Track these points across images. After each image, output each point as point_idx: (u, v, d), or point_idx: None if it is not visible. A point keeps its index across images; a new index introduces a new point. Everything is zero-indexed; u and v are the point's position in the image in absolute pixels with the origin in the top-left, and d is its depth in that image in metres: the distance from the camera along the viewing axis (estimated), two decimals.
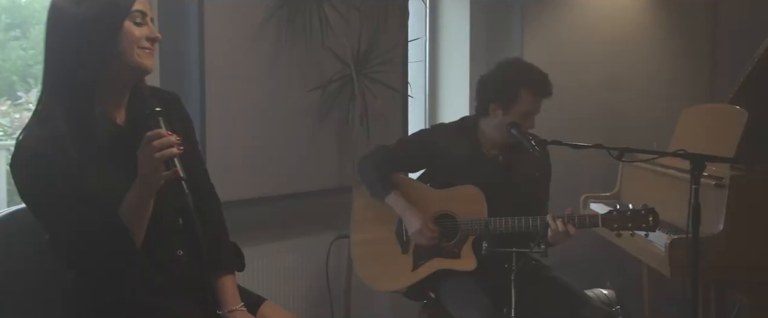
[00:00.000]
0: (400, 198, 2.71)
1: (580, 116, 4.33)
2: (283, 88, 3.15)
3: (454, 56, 4.17)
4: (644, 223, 2.53)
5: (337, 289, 3.28)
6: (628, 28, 4.62)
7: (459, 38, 4.15)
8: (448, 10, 4.19)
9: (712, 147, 2.90)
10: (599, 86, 4.50)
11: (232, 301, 1.89)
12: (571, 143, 2.54)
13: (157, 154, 1.60)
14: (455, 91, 4.16)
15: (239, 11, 2.98)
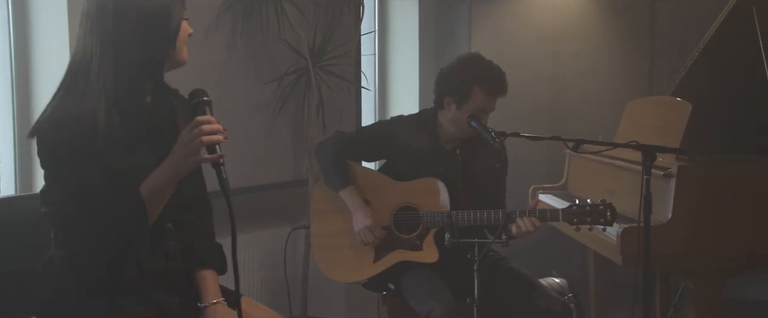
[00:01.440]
0: (355, 194, 2.72)
1: (527, 110, 4.42)
2: (238, 81, 3.12)
3: (404, 50, 4.20)
4: (603, 218, 2.59)
5: (294, 280, 3.26)
6: (572, 23, 4.75)
7: (408, 32, 4.18)
8: (397, 5, 4.21)
9: (658, 138, 3.00)
10: (544, 80, 4.61)
11: (213, 295, 1.92)
12: (530, 135, 2.60)
13: (205, 138, 1.67)
14: (405, 84, 4.20)
15: (193, 3, 2.92)
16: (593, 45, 4.80)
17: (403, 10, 4.19)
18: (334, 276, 2.82)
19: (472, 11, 4.28)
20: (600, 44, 4.82)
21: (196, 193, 1.99)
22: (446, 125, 2.76)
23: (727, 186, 2.82)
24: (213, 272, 1.95)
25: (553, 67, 4.64)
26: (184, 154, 1.69)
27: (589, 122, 4.40)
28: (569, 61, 4.70)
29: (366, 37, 3.88)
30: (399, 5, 4.21)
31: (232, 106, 3.11)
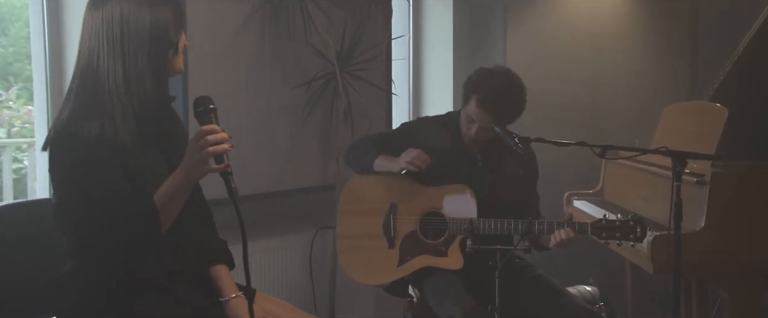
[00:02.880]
0: (387, 157, 2.72)
1: (563, 113, 4.35)
2: (266, 85, 3.15)
3: (438, 53, 4.17)
4: (632, 234, 2.54)
5: (321, 283, 3.27)
6: (610, 25, 4.65)
7: (442, 36, 4.15)
8: (431, 8, 4.19)
9: (694, 144, 2.93)
10: (582, 83, 4.52)
11: (232, 289, 1.97)
12: (554, 140, 2.55)
13: (211, 148, 1.71)
14: (439, 88, 4.17)
15: (222, 7, 2.97)
16: (632, 47, 4.69)
17: (437, 13, 4.17)
18: (358, 277, 2.82)
19: (508, 13, 4.23)
20: (639, 45, 4.71)
21: (193, 194, 2.00)
22: (463, 128, 2.75)
23: (762, 191, 2.73)
24: (225, 267, 2.01)
25: (591, 68, 4.55)
26: (193, 163, 1.73)
27: (629, 126, 4.30)
28: (608, 64, 4.61)
29: (400, 41, 3.87)
30: (433, 8, 4.19)
31: (259, 110, 3.14)
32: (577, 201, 3.67)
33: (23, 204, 2.20)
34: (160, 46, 1.80)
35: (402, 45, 4.08)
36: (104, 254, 1.77)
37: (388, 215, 2.76)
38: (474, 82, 2.70)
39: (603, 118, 4.54)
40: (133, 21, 1.77)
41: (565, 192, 3.76)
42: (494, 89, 2.65)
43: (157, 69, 1.81)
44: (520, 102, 2.69)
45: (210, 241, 2.04)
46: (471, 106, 2.67)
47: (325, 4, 3.19)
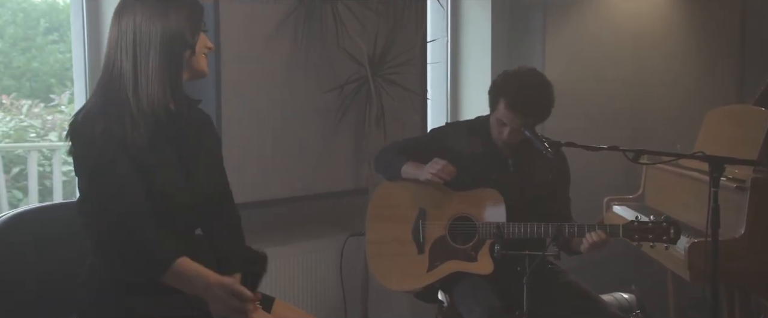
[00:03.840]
0: (414, 164, 2.71)
1: (605, 115, 4.28)
2: (299, 89, 3.17)
3: (476, 56, 4.14)
4: (665, 236, 2.49)
5: (353, 288, 3.27)
6: (654, 25, 4.55)
7: (480, 38, 4.12)
8: (469, 10, 4.16)
9: (736, 149, 2.85)
10: (624, 85, 4.43)
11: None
12: (585, 145, 2.50)
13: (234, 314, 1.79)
14: (477, 91, 4.13)
15: (255, 11, 3.00)
16: (677, 48, 4.58)
17: (475, 15, 4.13)
18: (388, 283, 2.82)
19: (547, 14, 4.17)
20: (683, 46, 4.59)
21: (224, 200, 2.09)
22: (492, 132, 2.73)
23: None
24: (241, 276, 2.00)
25: (632, 70, 4.45)
26: (213, 305, 1.80)
27: (672, 129, 4.20)
28: (651, 65, 4.50)
29: (437, 45, 3.86)
30: (470, 11, 4.15)
31: (293, 114, 3.17)
32: (617, 206, 3.61)
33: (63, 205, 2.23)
34: (173, 49, 1.84)
35: (440, 48, 4.05)
36: (116, 252, 1.81)
37: (417, 221, 2.75)
38: (500, 86, 2.68)
39: (645, 121, 4.44)
40: (145, 26, 1.82)
41: (604, 197, 3.70)
42: (522, 90, 2.63)
43: (170, 73, 1.84)
44: (549, 99, 2.66)
45: (233, 249, 2.05)
46: (500, 110, 2.65)
47: (358, 8, 3.19)
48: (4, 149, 4.17)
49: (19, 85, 4.61)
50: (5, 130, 4.30)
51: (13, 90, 4.51)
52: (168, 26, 1.82)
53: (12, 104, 4.43)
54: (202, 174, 1.95)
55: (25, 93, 4.58)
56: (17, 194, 4.25)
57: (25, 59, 4.62)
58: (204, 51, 1.93)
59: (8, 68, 4.59)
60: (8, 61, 4.57)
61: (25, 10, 4.74)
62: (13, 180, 4.26)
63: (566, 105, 4.13)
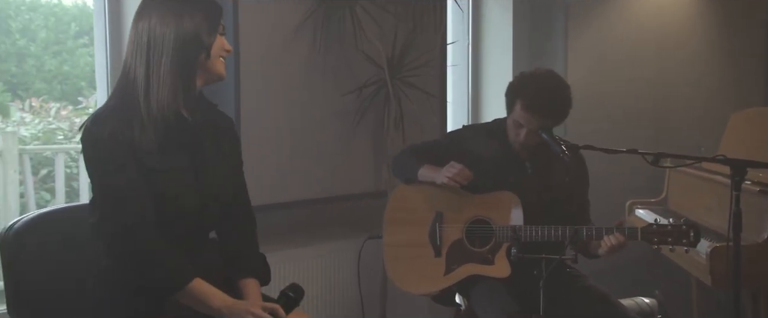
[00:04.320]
0: (430, 167, 2.71)
1: (628, 116, 4.23)
2: (317, 91, 3.18)
3: (497, 59, 4.12)
4: (685, 239, 2.46)
5: (372, 291, 3.27)
6: (678, 24, 4.48)
7: (502, 40, 4.10)
8: (490, 12, 4.15)
9: (760, 152, 2.81)
10: (647, 86, 4.38)
11: (255, 301, 1.96)
12: (603, 148, 2.48)
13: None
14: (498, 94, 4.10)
15: (274, 14, 3.02)
16: (703, 48, 4.52)
17: (496, 18, 4.12)
18: (405, 286, 2.81)
19: (569, 13, 4.13)
20: (711, 48, 4.52)
21: (238, 203, 2.07)
22: (510, 134, 2.71)
23: None
24: (255, 281, 2.01)
25: (658, 71, 4.40)
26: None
27: (697, 131, 4.14)
28: (675, 66, 4.45)
29: (459, 47, 3.84)
30: (492, 13, 4.14)
31: (312, 116, 3.18)
32: (640, 210, 3.57)
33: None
34: (186, 53, 1.82)
35: (461, 50, 4.04)
36: (127, 262, 1.82)
37: (434, 224, 2.74)
38: (516, 88, 2.67)
39: (669, 122, 4.39)
40: (158, 29, 1.81)
41: (627, 200, 3.66)
42: (538, 91, 2.61)
43: (182, 77, 1.83)
44: (566, 101, 2.64)
45: (245, 254, 2.05)
46: (517, 111, 2.63)
47: (377, 10, 3.19)
48: (33, 151, 4.24)
49: (51, 88, 4.68)
50: (34, 132, 4.37)
51: (45, 93, 4.59)
52: (182, 30, 1.81)
53: (41, 107, 4.50)
54: (213, 179, 1.93)
55: (56, 96, 4.65)
56: (45, 195, 4.32)
57: (57, 62, 4.70)
58: (222, 54, 1.91)
59: (40, 71, 4.67)
60: (40, 65, 4.64)
61: (57, 15, 4.82)
62: (41, 181, 4.33)
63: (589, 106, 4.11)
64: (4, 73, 4.70)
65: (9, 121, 4.40)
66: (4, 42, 4.67)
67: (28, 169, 4.12)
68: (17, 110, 4.50)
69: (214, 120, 2.01)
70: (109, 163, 1.79)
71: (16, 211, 3.95)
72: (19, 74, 4.65)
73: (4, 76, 4.68)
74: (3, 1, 4.63)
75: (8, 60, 4.67)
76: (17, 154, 4.07)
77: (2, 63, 4.69)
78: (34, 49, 4.61)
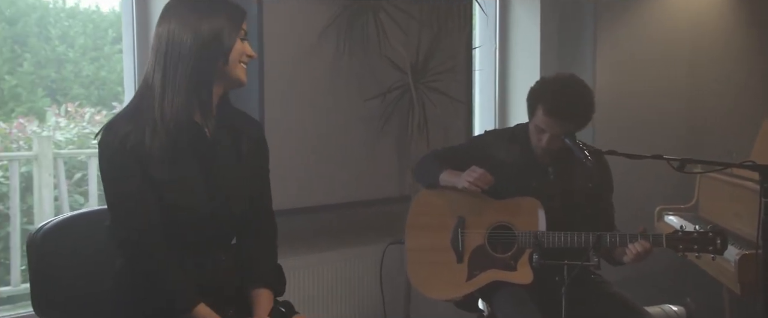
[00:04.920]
0: (452, 172, 2.69)
1: (660, 120, 4.17)
2: (342, 96, 3.19)
3: (524, 63, 4.10)
4: (711, 246, 2.42)
5: (396, 296, 3.27)
6: (713, 25, 4.40)
7: (529, 44, 4.08)
8: (517, 17, 4.12)
9: None
10: (679, 89, 4.32)
11: (263, 313, 1.94)
12: (627, 153, 2.45)
13: None
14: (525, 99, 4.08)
15: (298, 19, 3.04)
16: (739, 49, 4.42)
17: (524, 22, 4.09)
18: (427, 292, 2.81)
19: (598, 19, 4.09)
20: (747, 49, 4.43)
21: (259, 209, 2.04)
22: (532, 139, 2.70)
23: None
24: (268, 291, 1.98)
25: (689, 74, 4.33)
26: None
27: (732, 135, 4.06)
28: (710, 67, 4.36)
29: (485, 52, 3.82)
30: (519, 18, 4.11)
31: (336, 121, 3.19)
32: (669, 216, 3.51)
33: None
34: (203, 60, 1.79)
35: (488, 55, 4.03)
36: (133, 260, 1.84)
37: (456, 229, 2.73)
38: (537, 92, 2.65)
39: (701, 126, 4.31)
40: (177, 34, 1.78)
41: (657, 206, 3.60)
42: (560, 95, 2.58)
43: (199, 84, 1.81)
44: (588, 105, 2.60)
45: (259, 263, 2.01)
46: (539, 116, 2.61)
47: (401, 16, 3.20)
48: (67, 155, 4.33)
49: (88, 93, 4.77)
50: (69, 136, 4.46)
51: (83, 97, 4.68)
52: (200, 34, 1.78)
53: (76, 112, 4.59)
54: (227, 188, 1.90)
55: (93, 101, 4.74)
56: (79, 199, 4.40)
57: (94, 68, 4.78)
58: (243, 59, 1.87)
59: (78, 77, 4.76)
60: (78, 70, 4.74)
61: (95, 21, 4.91)
62: (75, 185, 4.41)
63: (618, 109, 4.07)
64: (44, 78, 4.82)
65: (45, 125, 4.50)
66: (44, 48, 4.78)
67: (62, 173, 4.21)
68: (53, 115, 4.60)
69: (234, 126, 1.96)
70: (119, 170, 1.79)
71: (50, 214, 4.03)
72: (58, 79, 4.75)
73: (44, 82, 4.79)
74: (43, 9, 4.74)
75: (48, 66, 4.78)
76: (52, 158, 4.16)
77: (42, 69, 4.81)
78: (72, 55, 4.71)
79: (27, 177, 4.25)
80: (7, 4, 4.83)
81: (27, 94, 4.81)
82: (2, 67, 4.78)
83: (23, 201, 4.21)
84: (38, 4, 4.95)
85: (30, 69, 4.77)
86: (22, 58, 4.74)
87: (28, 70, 4.75)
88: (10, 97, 4.80)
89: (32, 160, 4.17)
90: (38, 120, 4.60)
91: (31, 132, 4.39)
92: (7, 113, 4.68)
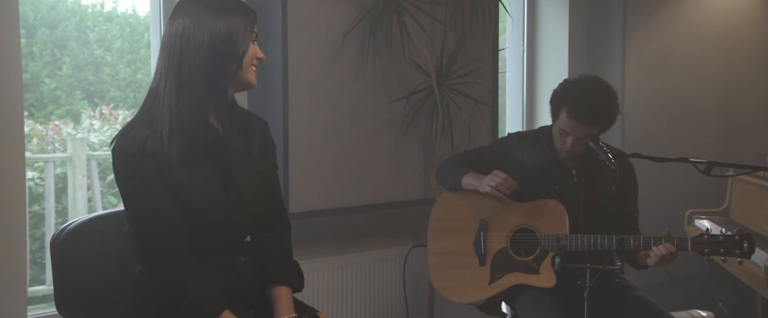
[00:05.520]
0: (474, 175, 2.70)
1: (692, 121, 4.09)
2: (366, 98, 3.19)
3: (553, 65, 4.06)
4: (738, 250, 2.38)
5: (420, 298, 3.26)
6: (747, 24, 4.30)
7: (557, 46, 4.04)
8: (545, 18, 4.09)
9: None
10: (713, 89, 4.22)
11: (286, 311, 1.94)
12: (651, 156, 2.42)
13: None
14: None
15: (322, 21, 3.05)
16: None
17: (552, 23, 4.05)
18: (449, 295, 2.80)
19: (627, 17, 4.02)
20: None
21: (272, 206, 2.04)
22: (555, 142, 2.67)
23: None
24: (287, 289, 1.98)
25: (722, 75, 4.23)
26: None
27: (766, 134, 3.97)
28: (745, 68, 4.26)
29: (513, 53, 3.79)
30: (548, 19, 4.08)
31: (360, 123, 3.19)
32: (700, 220, 3.45)
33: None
34: (219, 61, 1.77)
35: (516, 57, 4.00)
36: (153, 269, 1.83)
37: (479, 232, 2.72)
38: (561, 95, 2.62)
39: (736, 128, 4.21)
40: (192, 33, 1.74)
41: (688, 210, 3.54)
42: (583, 97, 2.55)
43: (214, 86, 1.79)
44: (612, 106, 2.57)
45: (276, 261, 2.00)
46: (562, 119, 2.59)
47: (425, 18, 3.19)
48: (101, 157, 4.40)
49: (125, 96, 4.85)
50: (103, 138, 4.53)
51: (120, 100, 4.75)
52: (216, 36, 1.75)
53: (110, 114, 4.67)
54: (244, 189, 1.90)
55: (129, 103, 4.82)
56: (112, 199, 4.47)
57: (131, 71, 4.86)
58: (254, 62, 1.85)
59: (115, 80, 4.84)
60: (115, 73, 4.82)
61: (132, 25, 4.99)
62: (108, 186, 4.49)
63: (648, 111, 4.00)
64: (82, 81, 4.91)
65: (80, 127, 4.59)
66: (83, 52, 4.87)
67: (95, 174, 4.28)
68: (88, 117, 4.68)
69: (242, 126, 1.95)
70: (138, 177, 1.77)
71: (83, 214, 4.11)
72: (96, 82, 4.84)
73: (82, 85, 4.88)
74: (83, 13, 4.83)
75: (86, 69, 4.87)
76: (86, 159, 4.24)
77: (80, 72, 4.90)
78: (109, 58, 4.79)
79: (62, 178, 4.34)
80: (47, 9, 4.93)
81: (65, 97, 4.91)
82: (42, 70, 4.89)
83: (58, 202, 4.30)
84: (77, 9, 5.04)
85: (68, 72, 4.87)
86: (61, 62, 4.84)
87: (66, 74, 4.85)
88: (49, 100, 4.90)
89: (67, 161, 4.26)
90: (73, 122, 4.69)
91: (67, 134, 4.48)
92: (47, 116, 4.77)
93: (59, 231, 2.08)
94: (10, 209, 2.57)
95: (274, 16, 2.94)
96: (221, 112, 1.87)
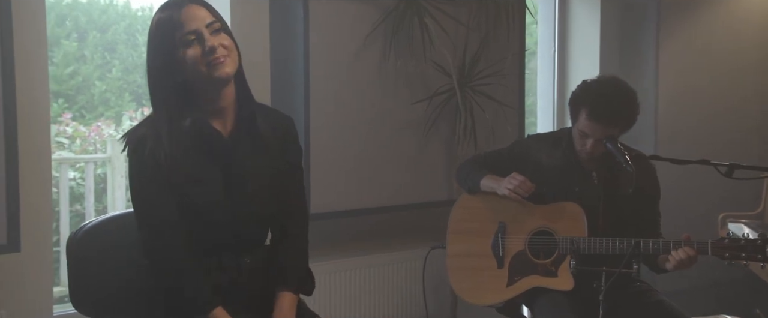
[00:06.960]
0: (493, 177, 2.68)
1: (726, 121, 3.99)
2: (388, 100, 3.20)
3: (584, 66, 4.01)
4: (760, 254, 2.31)
5: (442, 300, 3.25)
6: None
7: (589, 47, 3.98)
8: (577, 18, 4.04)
9: None
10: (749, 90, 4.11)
11: (281, 315, 1.92)
12: (671, 158, 2.38)
13: None
14: None
15: (344, 23, 3.07)
16: None
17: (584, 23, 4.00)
18: (467, 297, 2.79)
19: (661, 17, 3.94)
20: None
21: (290, 208, 2.02)
22: (575, 144, 2.63)
23: None
24: (290, 294, 1.95)
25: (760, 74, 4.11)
26: None
27: None
28: None
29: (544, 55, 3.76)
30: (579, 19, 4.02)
31: (382, 124, 3.21)
32: (733, 223, 3.35)
33: None
34: (168, 81, 1.82)
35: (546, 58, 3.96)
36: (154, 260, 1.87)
37: (497, 235, 2.71)
38: (580, 96, 2.58)
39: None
40: (148, 64, 1.86)
41: (721, 213, 3.44)
42: (602, 98, 2.51)
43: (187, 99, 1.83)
44: (632, 107, 2.52)
45: (286, 264, 1.98)
46: (582, 121, 2.55)
47: (447, 20, 3.18)
48: None
49: None
50: None
51: None
52: (155, 65, 1.83)
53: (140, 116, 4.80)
54: (250, 190, 1.90)
55: None
56: None
57: None
58: (204, 61, 1.77)
59: None
60: None
61: None
62: None
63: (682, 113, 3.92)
64: (131, 83, 5.05)
65: (120, 128, 4.71)
66: (132, 55, 5.01)
67: None
68: (129, 119, 4.80)
69: (256, 124, 1.91)
70: (137, 174, 1.84)
71: None
72: (145, 85, 4.96)
73: (130, 87, 5.02)
74: (132, 17, 4.98)
75: (135, 72, 5.01)
76: (124, 159, 4.34)
77: (129, 74, 5.04)
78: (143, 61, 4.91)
79: (102, 178, 4.46)
80: (98, 13, 5.09)
81: (115, 99, 5.05)
82: (93, 73, 5.04)
83: (99, 201, 4.42)
84: (127, 13, 5.19)
85: (118, 74, 5.01)
86: (111, 65, 4.98)
87: (116, 76, 4.99)
88: (99, 102, 5.05)
89: (106, 162, 4.37)
90: (115, 124, 4.82)
91: (108, 135, 4.60)
92: (96, 117, 4.92)
93: (76, 231, 2.12)
94: (38, 211, 2.65)
95: (296, 17, 2.98)
96: (220, 111, 1.88)
